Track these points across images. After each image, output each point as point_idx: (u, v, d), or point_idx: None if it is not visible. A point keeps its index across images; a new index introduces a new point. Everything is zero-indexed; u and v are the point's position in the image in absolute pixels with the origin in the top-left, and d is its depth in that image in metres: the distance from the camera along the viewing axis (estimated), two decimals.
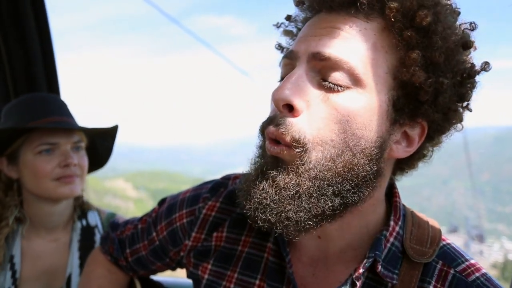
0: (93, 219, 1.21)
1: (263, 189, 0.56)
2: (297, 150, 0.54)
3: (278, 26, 0.71)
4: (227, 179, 0.82)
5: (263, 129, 0.59)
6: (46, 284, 1.12)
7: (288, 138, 0.55)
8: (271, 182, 0.56)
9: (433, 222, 0.69)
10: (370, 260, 0.60)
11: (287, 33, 0.71)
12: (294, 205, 0.55)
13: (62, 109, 1.13)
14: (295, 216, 0.55)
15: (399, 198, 0.68)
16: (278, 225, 0.56)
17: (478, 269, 0.62)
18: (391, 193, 0.69)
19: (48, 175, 1.05)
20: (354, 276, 0.60)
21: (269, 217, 0.55)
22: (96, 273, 0.92)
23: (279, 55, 0.72)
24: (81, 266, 1.13)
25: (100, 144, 1.24)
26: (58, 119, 1.08)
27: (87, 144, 1.18)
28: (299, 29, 0.69)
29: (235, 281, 0.71)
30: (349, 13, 0.57)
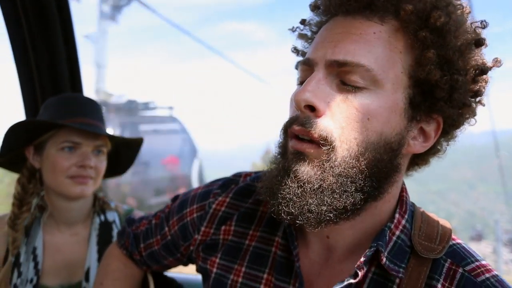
0: (111, 215, 1.25)
1: (285, 184, 0.58)
2: (324, 148, 0.57)
3: (293, 30, 0.73)
4: (238, 176, 0.84)
5: (286, 128, 0.62)
6: (66, 277, 1.17)
7: (316, 135, 0.57)
8: (293, 177, 0.58)
9: (443, 221, 0.69)
10: (372, 249, 0.60)
11: (302, 36, 0.73)
12: (316, 199, 0.57)
13: (96, 113, 1.18)
14: (317, 209, 0.57)
15: (406, 193, 0.68)
16: (300, 217, 0.58)
17: (488, 270, 0.60)
18: (400, 188, 0.69)
19: (64, 171, 1.10)
20: (356, 266, 0.60)
21: (292, 210, 0.58)
22: (112, 267, 0.95)
23: (296, 59, 0.75)
24: (99, 260, 1.16)
25: (124, 153, 1.29)
26: (88, 121, 1.14)
27: (111, 150, 1.23)
28: (313, 32, 0.71)
29: (243, 275, 0.72)
30: (364, 16, 0.60)
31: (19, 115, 1.50)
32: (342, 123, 0.57)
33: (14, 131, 1.11)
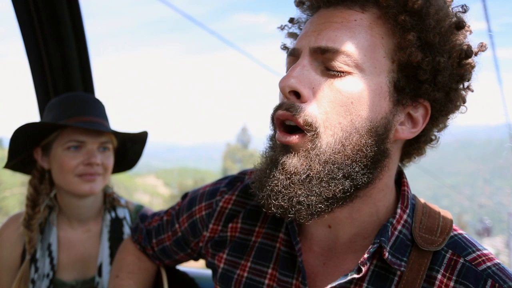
0: (121, 211, 1.28)
1: (273, 176, 0.59)
2: (309, 134, 0.58)
3: (282, 28, 0.75)
4: (243, 174, 0.86)
5: (273, 117, 0.63)
6: (80, 271, 1.20)
7: (301, 120, 0.58)
8: (281, 169, 0.59)
9: (445, 212, 0.69)
10: (375, 246, 0.61)
11: (291, 35, 0.75)
12: (305, 189, 0.58)
13: (98, 110, 1.20)
14: (306, 200, 0.58)
15: (407, 187, 0.68)
16: (290, 210, 0.59)
17: (490, 259, 0.60)
18: (400, 182, 0.69)
19: (72, 170, 1.13)
20: (359, 262, 0.61)
21: (282, 203, 0.59)
22: (127, 260, 0.98)
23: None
24: (111, 255, 1.20)
25: (130, 147, 1.31)
26: (92, 119, 1.16)
27: (117, 146, 1.25)
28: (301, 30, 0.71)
29: (248, 270, 0.74)
30: (345, 6, 0.61)
31: (34, 115, 1.54)
32: (326, 107, 0.58)
33: (19, 134, 1.13)
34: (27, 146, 1.17)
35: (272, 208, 0.60)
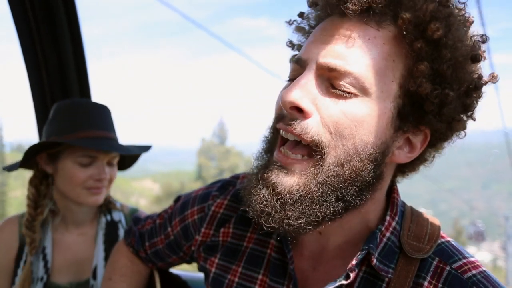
0: (117, 214, 1.29)
1: (263, 196, 0.58)
2: (316, 156, 0.57)
3: (290, 23, 0.71)
4: (236, 178, 0.86)
5: (275, 125, 0.62)
6: (75, 274, 1.20)
7: (308, 139, 0.56)
8: (271, 191, 0.58)
9: (433, 219, 0.69)
10: (364, 252, 0.61)
11: (299, 29, 0.71)
12: (295, 211, 0.57)
13: (108, 122, 1.20)
14: (295, 223, 0.58)
15: (397, 194, 0.68)
16: (280, 229, 0.59)
17: (475, 267, 0.61)
18: (390, 190, 0.69)
19: (81, 184, 1.14)
20: (348, 268, 0.61)
21: (272, 224, 0.58)
22: (120, 263, 0.98)
23: (292, 53, 0.73)
24: (106, 258, 1.20)
25: (128, 155, 1.32)
26: (103, 134, 1.16)
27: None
28: (311, 27, 0.69)
29: (239, 275, 0.74)
30: (361, 20, 0.58)
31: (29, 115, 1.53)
32: (330, 128, 0.56)
33: (33, 149, 1.13)
34: (34, 153, 1.16)
35: (264, 227, 0.59)
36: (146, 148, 1.30)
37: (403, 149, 0.62)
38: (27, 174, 1.24)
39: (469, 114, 0.63)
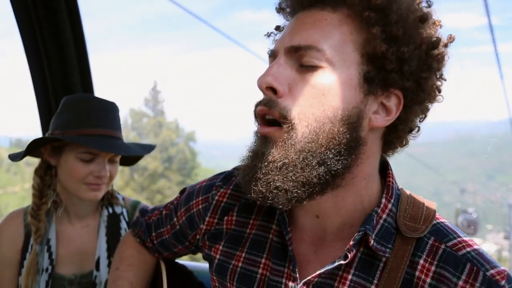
0: (118, 207, 1.31)
1: (255, 165, 0.64)
2: (285, 126, 0.63)
3: (268, 35, 0.79)
4: (237, 169, 0.87)
5: (255, 112, 0.68)
6: (79, 266, 1.23)
7: (276, 114, 0.63)
8: (261, 159, 0.64)
9: (429, 203, 0.72)
10: (361, 233, 0.64)
11: (276, 41, 0.78)
12: (281, 175, 0.62)
13: (112, 120, 1.21)
14: (283, 185, 0.62)
15: (392, 178, 0.72)
16: (268, 195, 0.63)
17: (470, 245, 0.64)
18: (385, 173, 0.73)
19: (81, 179, 1.15)
20: (346, 248, 0.64)
21: (260, 188, 0.63)
22: (127, 253, 1.01)
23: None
24: (108, 250, 1.23)
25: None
26: (106, 132, 1.17)
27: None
28: None
29: (243, 260, 0.77)
30: (318, 8, 0.67)
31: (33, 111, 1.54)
32: (300, 101, 0.63)
33: (36, 142, 1.15)
34: (39, 145, 1.18)
35: (252, 194, 0.64)
36: (149, 148, 1.31)
37: (380, 114, 0.66)
38: (27, 170, 1.26)
39: (438, 75, 0.68)
